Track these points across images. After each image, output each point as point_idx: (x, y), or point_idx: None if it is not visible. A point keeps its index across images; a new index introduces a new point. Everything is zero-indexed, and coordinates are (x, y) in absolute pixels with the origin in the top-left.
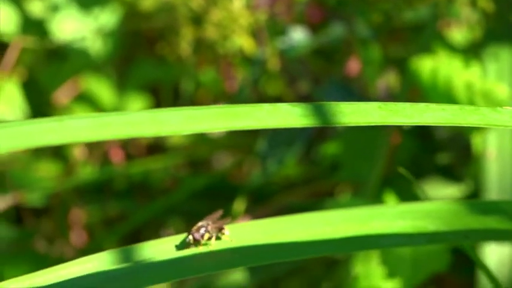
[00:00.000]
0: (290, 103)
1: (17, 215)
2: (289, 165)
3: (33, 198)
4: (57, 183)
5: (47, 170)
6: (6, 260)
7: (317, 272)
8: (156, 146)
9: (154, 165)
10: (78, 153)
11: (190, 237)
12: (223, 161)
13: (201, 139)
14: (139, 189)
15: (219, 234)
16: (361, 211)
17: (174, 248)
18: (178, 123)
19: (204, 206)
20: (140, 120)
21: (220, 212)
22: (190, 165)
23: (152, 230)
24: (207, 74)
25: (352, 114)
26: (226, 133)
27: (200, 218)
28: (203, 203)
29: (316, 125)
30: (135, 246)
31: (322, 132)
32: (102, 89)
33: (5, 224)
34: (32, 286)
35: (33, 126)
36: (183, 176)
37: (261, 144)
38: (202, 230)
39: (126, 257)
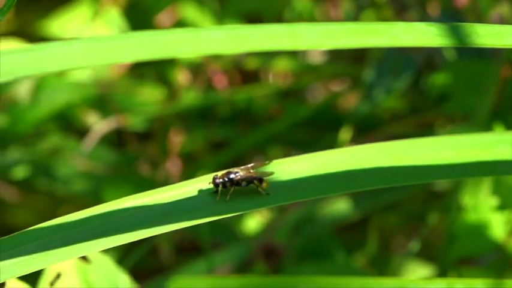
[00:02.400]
0: (425, 22)
1: (119, 138)
2: (395, 96)
3: (136, 122)
4: (161, 107)
5: (150, 95)
6: (110, 183)
7: (415, 206)
8: (259, 74)
9: (258, 92)
10: (182, 79)
11: (218, 181)
12: (328, 90)
13: (305, 67)
14: (243, 117)
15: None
16: (486, 136)
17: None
18: (314, 38)
19: (307, 135)
20: (277, 33)
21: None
22: (295, 93)
23: (254, 158)
24: (309, 5)
25: (486, 36)
26: (331, 61)
27: (302, 147)
28: (306, 132)
29: (451, 45)
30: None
31: (431, 63)
32: (201, 16)
33: (107, 147)
34: (139, 205)
35: (169, 36)
36: (287, 104)
37: (368, 73)
38: (226, 178)
39: None
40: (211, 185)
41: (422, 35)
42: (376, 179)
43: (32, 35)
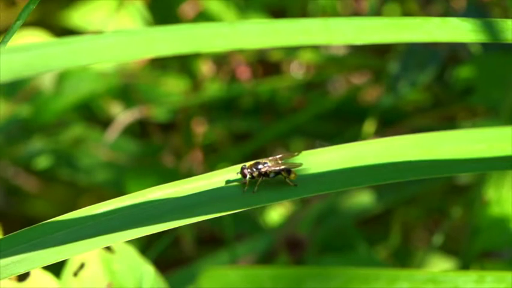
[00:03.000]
0: (459, 17)
1: (142, 129)
2: (419, 89)
3: (159, 113)
4: (184, 98)
5: (174, 85)
6: (132, 174)
7: (435, 200)
8: (281, 66)
9: (282, 84)
10: (205, 70)
11: (246, 172)
12: (349, 82)
13: (328, 59)
14: (266, 108)
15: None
16: (510, 130)
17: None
18: (349, 32)
19: (330, 127)
20: (312, 28)
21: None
22: (317, 85)
23: (276, 150)
24: None
25: None
26: (353, 53)
27: (325, 140)
28: (330, 124)
29: (485, 41)
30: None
31: (455, 56)
32: (224, 8)
33: (130, 137)
34: (164, 196)
35: (205, 30)
36: (310, 96)
37: (393, 66)
38: (254, 169)
39: None
40: (239, 175)
41: (455, 30)
42: (401, 171)
43: (53, 26)
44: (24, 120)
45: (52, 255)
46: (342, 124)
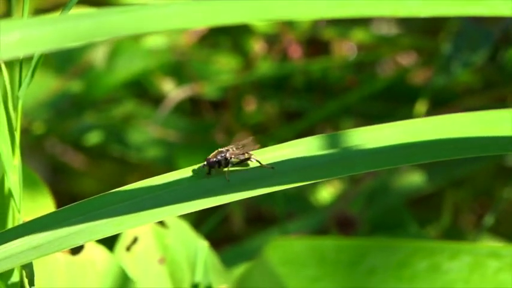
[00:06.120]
0: None
1: (193, 106)
2: (470, 70)
3: (210, 90)
4: (236, 76)
5: (226, 63)
6: (183, 150)
7: (484, 182)
8: (330, 46)
9: (333, 63)
10: (257, 48)
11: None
12: (397, 63)
13: (380, 39)
14: (317, 87)
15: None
16: None
17: (381, 137)
18: (415, 5)
19: (380, 108)
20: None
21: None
22: (369, 65)
23: (327, 130)
24: None
25: None
26: (405, 34)
27: (375, 120)
28: (381, 104)
29: None
30: (343, 133)
31: (507, 37)
32: None
33: (181, 114)
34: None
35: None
36: (361, 76)
37: (446, 46)
38: (219, 157)
39: (334, 142)
40: (204, 168)
41: None
42: (461, 149)
43: (100, 3)
44: (75, 96)
45: (110, 227)
46: (391, 105)
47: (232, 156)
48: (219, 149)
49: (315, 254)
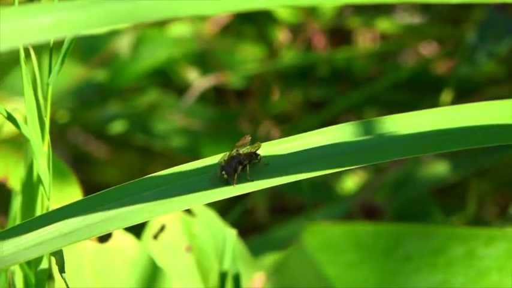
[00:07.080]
0: None
1: (217, 95)
2: (494, 61)
3: (235, 79)
4: (260, 66)
5: (250, 52)
6: (208, 139)
7: (506, 173)
8: (354, 36)
9: (357, 53)
10: (282, 37)
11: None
12: (422, 54)
13: (404, 28)
14: (342, 77)
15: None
16: None
17: (410, 125)
18: None
19: (406, 96)
20: None
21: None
22: (393, 55)
23: (350, 119)
24: None
25: None
26: (429, 23)
27: (399, 110)
28: (405, 93)
29: None
30: (372, 120)
31: None
32: None
33: (205, 104)
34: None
35: None
36: (387, 65)
37: (471, 36)
38: (233, 163)
39: (363, 130)
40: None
41: None
42: (491, 137)
43: None
44: (99, 85)
45: (141, 214)
46: (415, 95)
47: (246, 158)
48: (230, 153)
49: (351, 239)
